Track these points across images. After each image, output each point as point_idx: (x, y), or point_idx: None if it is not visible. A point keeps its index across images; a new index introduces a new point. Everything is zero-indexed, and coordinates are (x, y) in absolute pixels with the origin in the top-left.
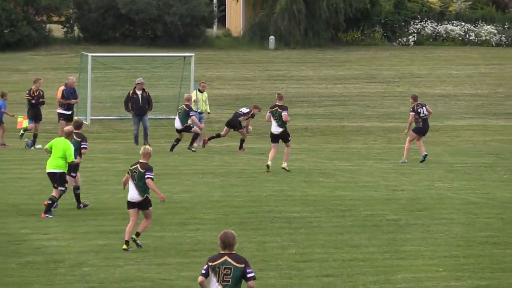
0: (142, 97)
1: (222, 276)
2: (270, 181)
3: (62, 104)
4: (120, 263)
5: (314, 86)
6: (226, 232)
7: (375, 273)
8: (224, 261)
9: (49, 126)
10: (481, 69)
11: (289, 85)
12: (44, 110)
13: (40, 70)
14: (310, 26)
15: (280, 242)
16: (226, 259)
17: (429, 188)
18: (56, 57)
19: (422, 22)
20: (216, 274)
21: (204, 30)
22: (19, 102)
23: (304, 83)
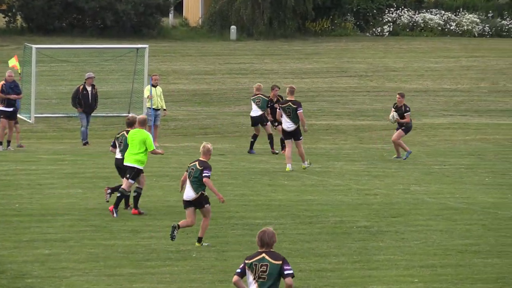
0: (92, 94)
1: (259, 273)
2: (231, 184)
3: (2, 101)
4: (67, 274)
5: (280, 80)
6: (265, 231)
7: (344, 284)
8: (262, 259)
9: None
10: (462, 62)
11: (252, 79)
12: None
13: None
14: (275, 15)
15: (241, 251)
16: (264, 257)
17: (404, 192)
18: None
19: (397, 10)
20: (253, 272)
21: (159, 19)
22: None
23: (269, 77)
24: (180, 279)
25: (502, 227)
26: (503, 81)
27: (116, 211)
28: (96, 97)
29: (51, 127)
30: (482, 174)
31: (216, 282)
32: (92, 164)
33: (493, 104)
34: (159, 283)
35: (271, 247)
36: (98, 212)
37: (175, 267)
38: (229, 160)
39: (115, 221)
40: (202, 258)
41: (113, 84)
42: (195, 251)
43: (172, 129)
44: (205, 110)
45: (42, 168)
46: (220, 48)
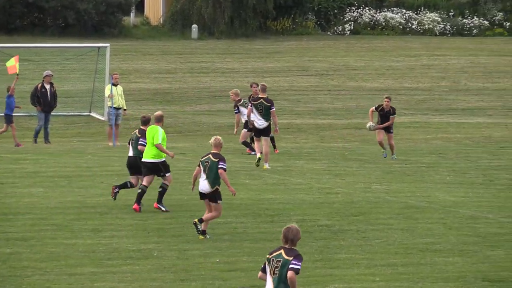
0: (51, 92)
1: (273, 268)
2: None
3: None
4: (28, 273)
5: (241, 79)
6: (290, 227)
7: (306, 283)
8: (278, 254)
9: None
10: (423, 60)
11: (214, 78)
12: None
13: None
14: (236, 14)
15: (203, 250)
16: (281, 253)
17: (365, 191)
18: None
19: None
20: (270, 266)
21: (121, 18)
22: None
23: (230, 76)
24: (141, 278)
25: (463, 226)
26: (464, 79)
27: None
28: (55, 96)
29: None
30: (443, 173)
31: (177, 281)
32: (54, 163)
33: (454, 103)
34: (120, 282)
35: (294, 244)
36: (60, 211)
37: (137, 266)
38: (190, 159)
39: (76, 220)
40: (164, 257)
41: (75, 83)
42: (156, 250)
43: (133, 128)
44: (166, 109)
45: (3, 167)
46: (181, 47)
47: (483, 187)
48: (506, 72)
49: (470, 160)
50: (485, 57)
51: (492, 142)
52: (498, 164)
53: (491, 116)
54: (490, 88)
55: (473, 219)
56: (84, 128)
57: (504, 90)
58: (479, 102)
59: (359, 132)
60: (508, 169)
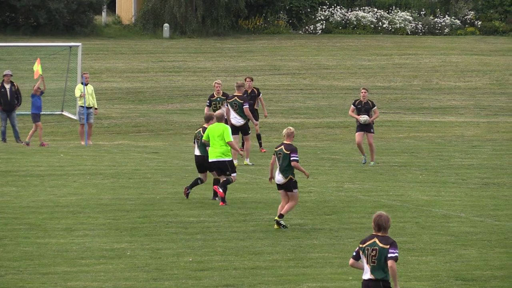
0: (11, 91)
1: (370, 257)
2: (164, 182)
3: None
4: (1, 273)
5: (213, 78)
6: (381, 215)
7: (279, 282)
8: (373, 243)
9: None
10: (395, 59)
11: (186, 77)
12: None
13: None
14: (208, 13)
15: (176, 249)
16: (375, 241)
17: (337, 190)
18: None
19: (330, 8)
20: (365, 256)
21: (92, 17)
22: None
23: (202, 75)
24: (114, 277)
25: (436, 225)
26: (436, 78)
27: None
28: (17, 94)
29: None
30: (416, 171)
31: (150, 280)
32: (26, 162)
33: (426, 102)
34: (94, 281)
35: (386, 231)
36: (32, 210)
37: (110, 265)
38: (162, 158)
39: (49, 219)
40: (137, 256)
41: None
42: (129, 249)
43: (105, 127)
44: (138, 108)
45: None
46: (153, 46)
47: (455, 186)
48: (478, 71)
49: (442, 159)
50: (457, 56)
51: (464, 141)
52: (471, 163)
53: (463, 115)
54: (462, 87)
55: (446, 218)
56: (56, 127)
57: (476, 89)
58: (451, 101)
59: (331, 131)
60: (480, 168)
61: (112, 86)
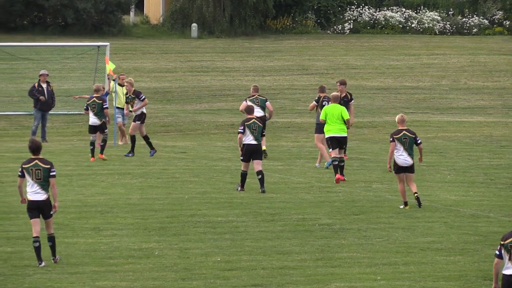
0: (48, 91)
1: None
2: (193, 182)
3: None
4: (30, 272)
5: (241, 78)
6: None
7: (307, 282)
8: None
9: None
10: (423, 59)
11: (214, 77)
12: None
13: None
14: (236, 13)
15: (204, 249)
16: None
17: (366, 190)
18: None
19: (358, 8)
20: (508, 253)
21: (120, 17)
22: None
23: (230, 75)
24: (143, 277)
25: (464, 225)
26: (464, 78)
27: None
28: (52, 94)
29: (13, 124)
30: (444, 171)
31: (178, 280)
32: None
33: (454, 102)
34: (122, 281)
35: None
36: (60, 210)
37: (138, 265)
38: (190, 158)
39: (77, 219)
40: (165, 256)
41: (75, 82)
42: (157, 249)
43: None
44: (167, 108)
45: (3, 166)
46: (181, 46)
47: (484, 186)
48: (506, 71)
49: (470, 159)
50: (485, 56)
51: (492, 141)
52: (499, 163)
53: (492, 115)
54: (490, 87)
55: (474, 218)
56: (84, 127)
57: (504, 89)
58: (479, 101)
59: (359, 131)
60: (509, 168)
61: (140, 86)
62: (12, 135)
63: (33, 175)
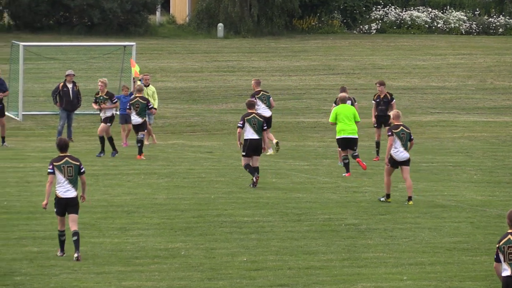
0: (73, 91)
1: (508, 255)
2: (219, 182)
3: None
4: (56, 272)
5: (267, 78)
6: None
7: (333, 282)
8: (508, 240)
9: None
10: (449, 59)
11: (240, 77)
12: None
13: None
14: (262, 13)
15: (230, 249)
16: (510, 238)
17: (392, 190)
18: None
19: (385, 8)
20: (503, 254)
21: (146, 17)
22: None
23: (256, 75)
24: (169, 277)
25: (491, 225)
26: (491, 78)
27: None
28: (78, 95)
29: (39, 124)
30: (470, 171)
31: (204, 279)
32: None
33: (481, 102)
34: (148, 281)
35: None
36: (86, 210)
37: (164, 264)
38: (216, 158)
39: (103, 219)
40: (191, 256)
41: None
42: (183, 249)
43: (160, 126)
44: (193, 107)
45: (30, 166)
46: (207, 45)
47: (510, 186)
48: None
49: (497, 159)
50: (511, 56)
51: None
52: None
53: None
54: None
55: (500, 218)
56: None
57: None
58: (505, 101)
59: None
60: None
61: (166, 86)
62: (38, 135)
63: (65, 172)
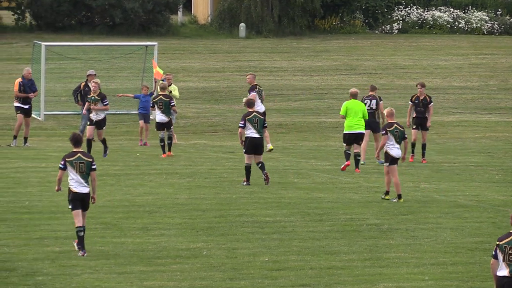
0: None
1: (508, 255)
2: (240, 182)
3: (18, 98)
4: (78, 272)
5: (289, 78)
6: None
7: (355, 282)
8: (510, 241)
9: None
10: (471, 59)
11: (262, 77)
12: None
13: None
14: (284, 13)
15: (252, 249)
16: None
17: (414, 190)
18: (6, 47)
19: (407, 8)
20: (502, 253)
21: (168, 17)
22: None
23: (278, 75)
24: (190, 277)
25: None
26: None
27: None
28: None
29: (61, 124)
30: (492, 171)
31: (226, 279)
32: (102, 162)
33: (503, 102)
34: (170, 281)
35: None
36: (108, 210)
37: (186, 264)
38: (238, 158)
39: (125, 219)
40: (213, 256)
41: (123, 82)
42: (205, 249)
43: (181, 126)
44: (214, 107)
45: (51, 166)
46: (229, 45)
47: None
48: None
49: None
50: None
51: None
52: None
53: None
54: None
55: None
56: (132, 126)
57: None
58: None
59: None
60: None
61: (188, 85)
62: (60, 134)
63: (77, 168)
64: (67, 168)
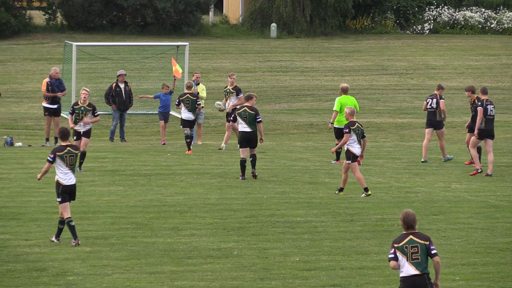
0: (125, 91)
1: (411, 254)
2: (271, 182)
3: (47, 98)
4: (108, 272)
5: (320, 78)
6: (408, 212)
7: (386, 282)
8: (410, 241)
9: (30, 122)
10: (502, 59)
11: (293, 77)
12: (23, 105)
13: (19, 61)
14: (315, 13)
15: (283, 249)
16: (411, 238)
17: (445, 190)
18: (38, 47)
19: (438, 8)
20: (405, 254)
21: (200, 17)
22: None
23: (309, 75)
24: (221, 277)
25: None
26: None
27: None
28: (130, 94)
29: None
30: None
31: (257, 280)
32: (133, 162)
33: None
34: (201, 281)
35: (414, 228)
36: (139, 210)
37: (216, 264)
38: (269, 158)
39: (156, 219)
40: (244, 256)
41: (154, 82)
42: (236, 249)
43: (212, 126)
44: None
45: (82, 166)
46: (260, 45)
47: None
48: None
49: None
50: None
51: None
52: None
53: None
54: None
55: None
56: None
57: None
58: None
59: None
60: None
61: (219, 85)
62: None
63: (67, 162)
64: (55, 161)
